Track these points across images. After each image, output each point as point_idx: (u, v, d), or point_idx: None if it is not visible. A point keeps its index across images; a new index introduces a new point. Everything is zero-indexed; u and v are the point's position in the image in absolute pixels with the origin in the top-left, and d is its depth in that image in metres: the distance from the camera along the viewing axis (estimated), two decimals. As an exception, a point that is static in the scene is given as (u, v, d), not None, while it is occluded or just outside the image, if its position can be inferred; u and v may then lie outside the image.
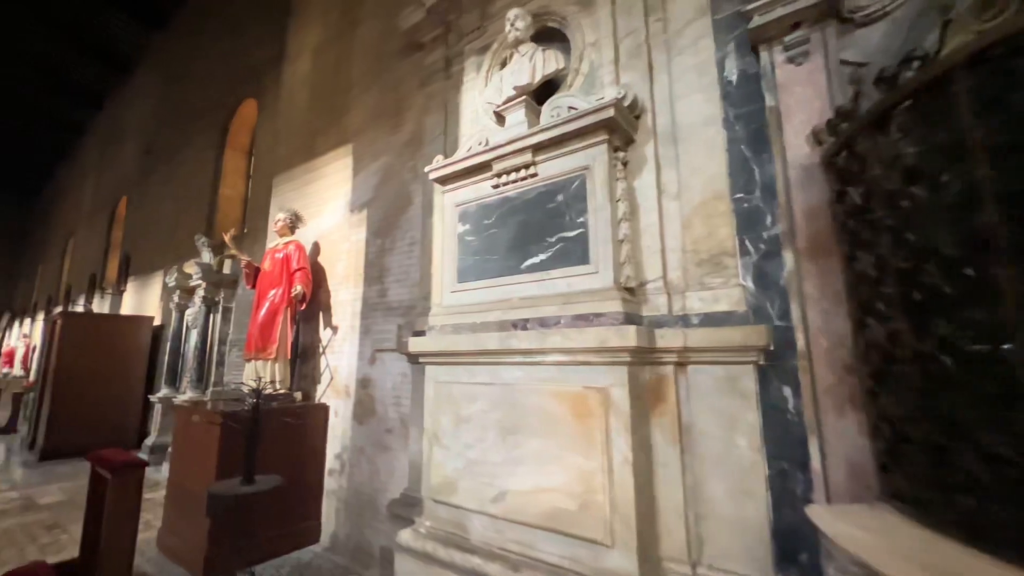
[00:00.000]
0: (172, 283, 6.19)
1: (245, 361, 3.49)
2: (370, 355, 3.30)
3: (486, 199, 2.45)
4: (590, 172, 2.09)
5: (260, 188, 5.96)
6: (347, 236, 3.71)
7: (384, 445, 3.06)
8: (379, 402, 3.16)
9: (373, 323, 3.34)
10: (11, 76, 12.34)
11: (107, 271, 10.56)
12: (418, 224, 3.18)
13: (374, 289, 3.39)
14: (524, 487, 1.96)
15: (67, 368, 6.34)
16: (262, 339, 3.38)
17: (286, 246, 3.64)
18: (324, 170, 4.11)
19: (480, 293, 2.36)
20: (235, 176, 7.19)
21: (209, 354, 5.63)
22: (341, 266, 3.71)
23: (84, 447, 6.47)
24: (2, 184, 19.56)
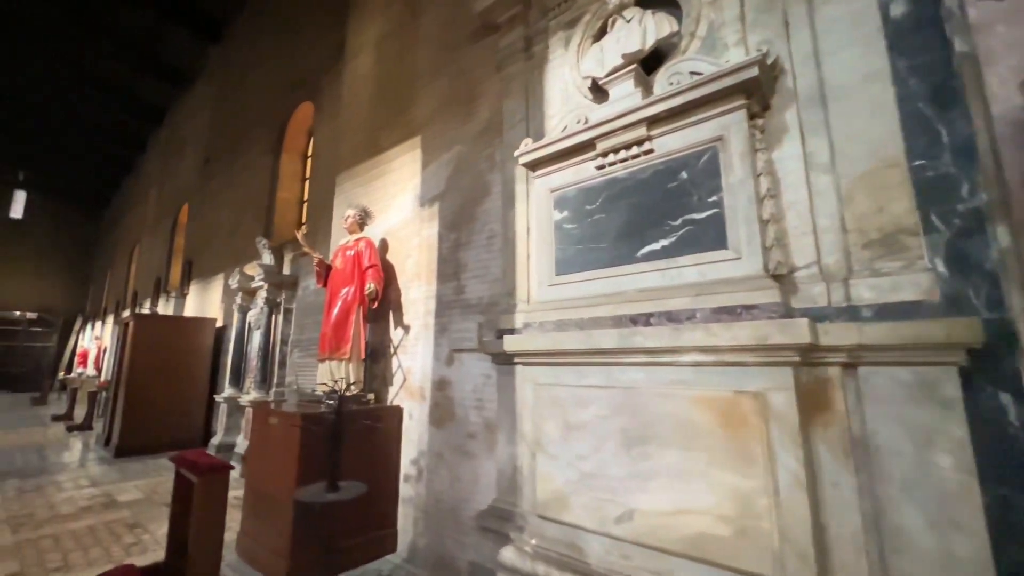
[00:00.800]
0: (235, 284, 6.30)
1: (319, 362, 3.40)
2: (447, 355, 3.13)
3: (588, 182, 2.21)
4: (723, 144, 1.81)
5: (319, 189, 5.98)
6: (417, 231, 3.57)
7: (466, 451, 2.87)
8: (458, 405, 2.98)
9: (449, 322, 3.16)
10: (85, 97, 13.20)
11: (171, 275, 11.04)
12: (497, 216, 2.99)
13: (449, 286, 3.22)
14: (657, 507, 1.70)
15: (139, 368, 6.57)
16: (336, 339, 3.27)
17: (356, 243, 3.53)
18: (390, 165, 3.99)
19: (585, 286, 2.12)
20: (291, 179, 7.28)
21: (271, 354, 5.66)
22: (411, 263, 3.57)
23: (155, 445, 6.72)
24: (75, 197, 21.07)
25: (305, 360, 5.43)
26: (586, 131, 2.16)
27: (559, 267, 2.25)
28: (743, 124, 1.77)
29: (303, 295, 5.74)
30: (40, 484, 4.84)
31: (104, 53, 11.28)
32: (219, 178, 9.13)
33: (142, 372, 6.58)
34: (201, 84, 11.42)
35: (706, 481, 1.60)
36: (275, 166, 7.25)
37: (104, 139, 16.00)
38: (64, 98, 13.53)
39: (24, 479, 5.04)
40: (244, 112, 8.59)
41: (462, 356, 3.03)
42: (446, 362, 3.12)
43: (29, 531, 3.46)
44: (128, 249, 15.46)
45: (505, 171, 2.93)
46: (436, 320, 3.26)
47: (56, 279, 21.11)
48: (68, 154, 17.44)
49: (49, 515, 3.84)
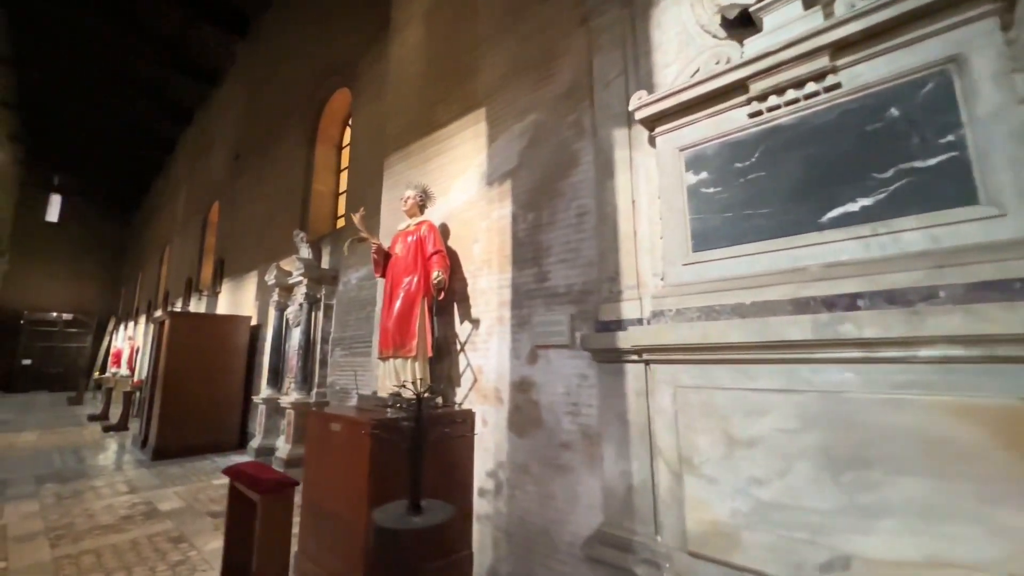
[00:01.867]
0: (271, 281, 6.02)
1: (381, 360, 3.03)
2: (528, 353, 2.72)
3: (736, 135, 1.77)
4: (960, 65, 1.35)
5: (359, 178, 5.66)
6: (485, 213, 3.17)
7: (559, 464, 2.45)
8: (546, 410, 2.56)
9: (530, 314, 2.75)
10: (117, 98, 13.27)
11: (202, 274, 10.94)
12: (589, 190, 2.56)
13: (528, 273, 2.81)
14: (893, 554, 1.25)
15: (175, 367, 6.36)
16: (400, 335, 2.89)
17: (418, 227, 3.15)
18: (448, 142, 3.60)
19: (742, 263, 1.68)
20: (326, 171, 7.00)
21: (312, 353, 5.36)
22: (479, 248, 3.17)
23: (192, 447, 6.50)
24: (106, 201, 21.48)
25: (348, 359, 5.11)
26: (734, 71, 1.73)
27: (698, 241, 1.82)
28: (995, 35, 1.31)
29: (344, 290, 5.42)
30: (78, 489, 4.61)
31: (135, 51, 11.26)
32: (249, 174, 8.94)
33: (178, 372, 6.37)
34: (229, 81, 11.30)
35: (979, 524, 1.15)
36: (309, 158, 6.98)
37: (134, 141, 16.15)
38: (96, 100, 13.63)
39: (62, 483, 4.83)
40: (275, 105, 8.37)
41: (548, 353, 2.61)
42: (528, 360, 2.71)
43: (69, 545, 3.18)
44: (159, 250, 15.55)
45: (599, 137, 2.50)
46: (513, 312, 2.85)
47: (90, 281, 21.54)
48: (100, 158, 17.71)
49: (88, 525, 3.57)
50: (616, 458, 2.15)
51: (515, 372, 2.77)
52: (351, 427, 2.48)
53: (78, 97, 13.64)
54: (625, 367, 2.17)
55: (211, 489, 4.59)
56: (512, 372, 2.79)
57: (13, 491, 4.58)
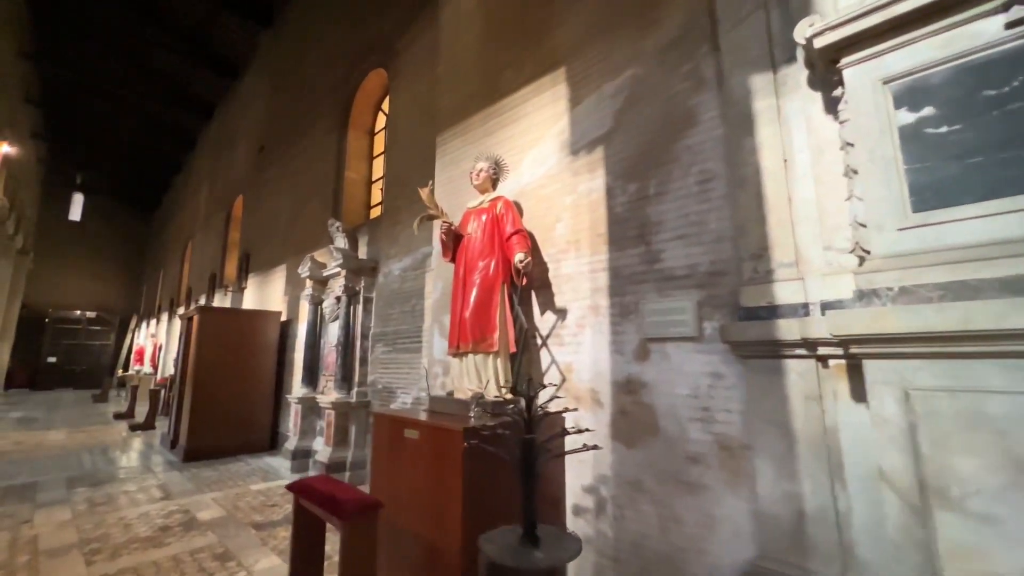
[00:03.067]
0: (305, 272, 5.69)
1: (453, 357, 2.63)
2: (636, 347, 2.30)
3: (981, 53, 1.33)
4: None
5: (398, 163, 5.29)
6: (569, 187, 2.76)
7: (686, 481, 2.03)
8: (664, 415, 2.15)
9: (637, 301, 2.33)
10: (139, 94, 13.12)
11: (226, 270, 10.72)
12: (715, 150, 2.14)
13: (632, 253, 2.39)
14: None
15: (205, 365, 6.07)
16: (479, 326, 2.50)
17: (492, 204, 2.75)
18: (517, 111, 3.20)
19: (1005, 222, 1.25)
20: (358, 159, 6.64)
21: (351, 350, 5.00)
22: (563, 228, 2.76)
23: (224, 448, 6.20)
24: (128, 199, 21.55)
25: (391, 356, 4.74)
26: (979, -32, 1.28)
27: (922, 198, 1.38)
28: None
29: (385, 282, 5.06)
30: (111, 494, 4.33)
31: (157, 44, 11.05)
32: (276, 166, 8.64)
33: (208, 370, 6.08)
34: (252, 73, 11.03)
35: None
36: (341, 144, 6.63)
37: (155, 138, 16.08)
38: (117, 96, 13.51)
39: (94, 487, 4.56)
40: (302, 94, 8.05)
41: (664, 348, 2.19)
42: (635, 356, 2.30)
43: (106, 562, 2.86)
44: (181, 247, 15.44)
45: (729, 87, 2.07)
46: (612, 300, 2.44)
47: (112, 279, 21.67)
48: (121, 156, 17.71)
49: (125, 537, 3.26)
50: (776, 477, 1.73)
51: (618, 370, 2.36)
52: (437, 436, 2.09)
53: (99, 93, 13.54)
54: (785, 364, 1.75)
55: (250, 496, 4.27)
56: (614, 370, 2.37)
57: (44, 495, 4.31)
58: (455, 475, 1.96)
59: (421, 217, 2.71)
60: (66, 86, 13.54)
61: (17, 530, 3.43)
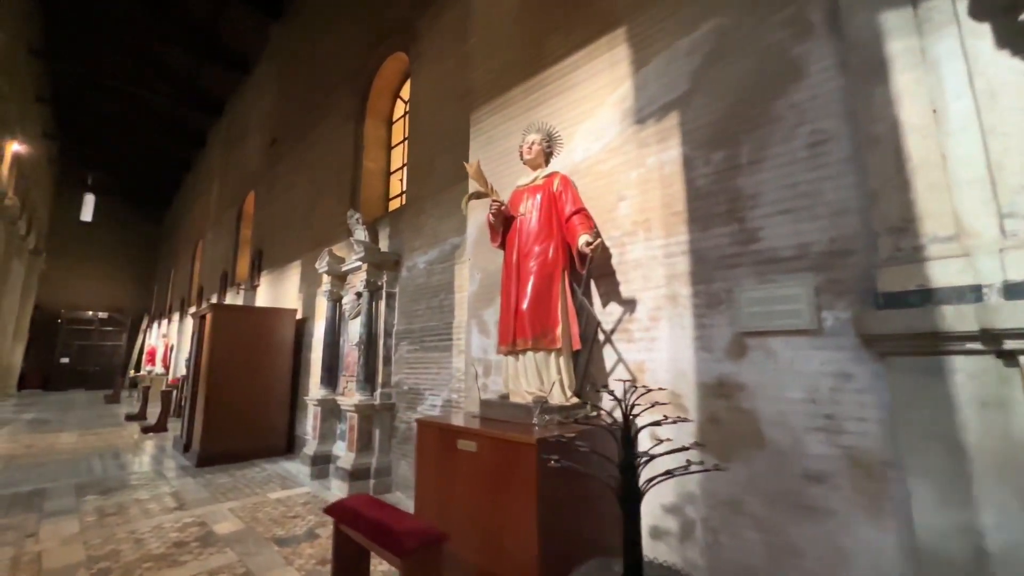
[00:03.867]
0: (323, 267, 5.39)
1: (507, 355, 2.30)
2: (729, 342, 1.95)
3: None
4: None
5: (422, 149, 4.97)
6: (634, 160, 2.41)
7: (805, 505, 1.68)
8: (772, 424, 1.80)
9: (728, 288, 1.98)
10: (149, 90, 12.95)
11: (238, 268, 10.49)
12: (828, 107, 1.79)
13: (719, 233, 2.04)
14: None
15: (218, 365, 5.80)
16: (539, 319, 2.16)
17: (548, 181, 2.41)
18: (566, 80, 2.86)
19: None
20: (375, 148, 6.34)
21: (374, 349, 4.69)
22: (627, 208, 2.42)
23: (240, 452, 5.91)
24: (138, 199, 21.50)
25: (417, 355, 4.43)
26: None
27: None
28: None
29: (409, 276, 4.74)
30: (122, 503, 4.05)
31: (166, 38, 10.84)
32: (289, 159, 8.37)
33: (222, 370, 5.81)
34: (262, 66, 10.78)
35: None
36: (358, 133, 6.33)
37: (165, 137, 15.93)
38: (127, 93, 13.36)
39: (104, 495, 4.29)
40: (315, 84, 7.76)
41: (768, 343, 1.84)
42: (728, 353, 1.95)
43: (115, 585, 2.56)
44: (191, 245, 15.29)
45: (852, 29, 1.72)
46: (696, 288, 2.09)
47: (123, 279, 21.64)
48: (131, 155, 17.61)
49: (137, 555, 2.97)
50: (940, 504, 1.38)
51: (705, 370, 2.01)
52: (502, 449, 1.76)
53: (109, 91, 13.40)
54: (948, 362, 1.40)
55: (269, 506, 3.97)
56: (700, 370, 2.02)
57: (52, 504, 4.04)
58: (527, 496, 1.63)
59: (469, 196, 2.37)
60: (76, 84, 13.42)
61: (21, 545, 3.15)
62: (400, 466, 4.36)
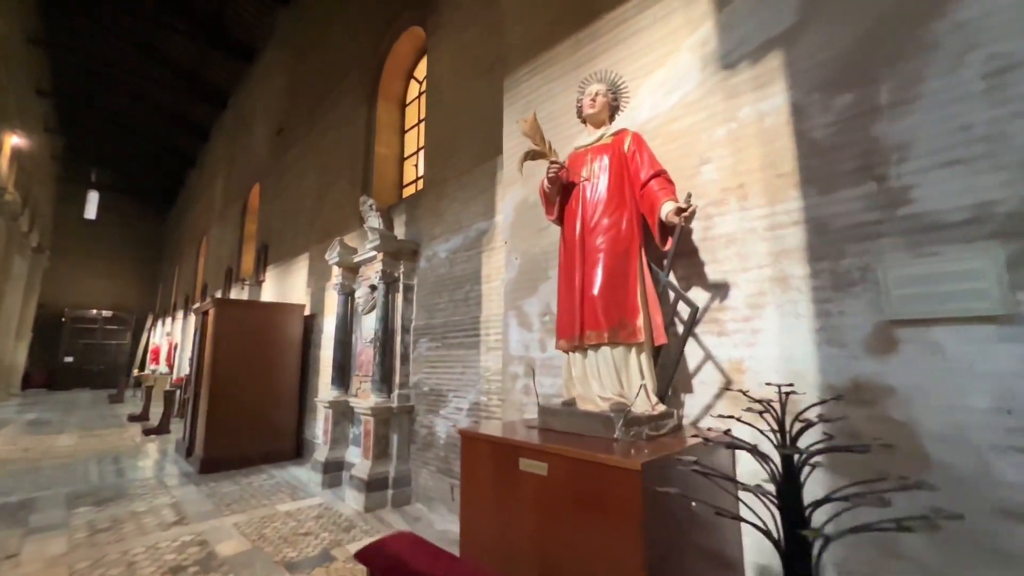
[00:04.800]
0: (334, 259, 4.99)
1: (570, 352, 1.88)
2: (868, 333, 1.52)
3: None
4: None
5: (440, 129, 4.55)
6: (722, 115, 1.98)
7: (1003, 551, 1.25)
8: (941, 442, 1.37)
9: (865, 265, 1.55)
10: (157, 81, 12.62)
11: (243, 263, 10.13)
12: (1010, 26, 1.34)
13: (848, 196, 1.61)
14: None
15: (222, 364, 5.41)
16: (615, 307, 1.73)
17: (617, 140, 1.98)
18: (623, 30, 2.42)
19: None
20: (388, 132, 5.93)
21: (391, 346, 4.29)
22: (712, 172, 1.99)
23: (245, 457, 5.48)
24: (142, 196, 21.24)
25: (439, 353, 4.01)
26: None
27: None
28: None
29: (428, 267, 4.33)
30: (116, 516, 3.67)
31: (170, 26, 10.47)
32: (296, 148, 7.97)
33: (226, 369, 5.42)
34: (268, 53, 10.39)
35: None
36: (371, 116, 5.92)
37: (169, 132, 15.64)
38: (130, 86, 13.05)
39: (98, 506, 3.91)
40: (325, 69, 7.36)
41: (932, 333, 1.41)
42: (869, 348, 1.52)
43: (99, 624, 2.16)
44: (196, 242, 14.96)
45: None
46: (815, 267, 1.66)
47: (128, 277, 21.40)
48: (135, 151, 17.34)
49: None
50: None
51: (834, 369, 1.58)
52: (589, 474, 1.33)
53: (112, 83, 13.10)
54: None
55: (278, 520, 3.57)
56: (826, 369, 1.59)
57: (40, 517, 3.67)
58: (627, 537, 1.20)
59: (525, 154, 1.94)
60: (77, 76, 13.10)
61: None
62: (421, 475, 3.95)
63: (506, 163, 3.03)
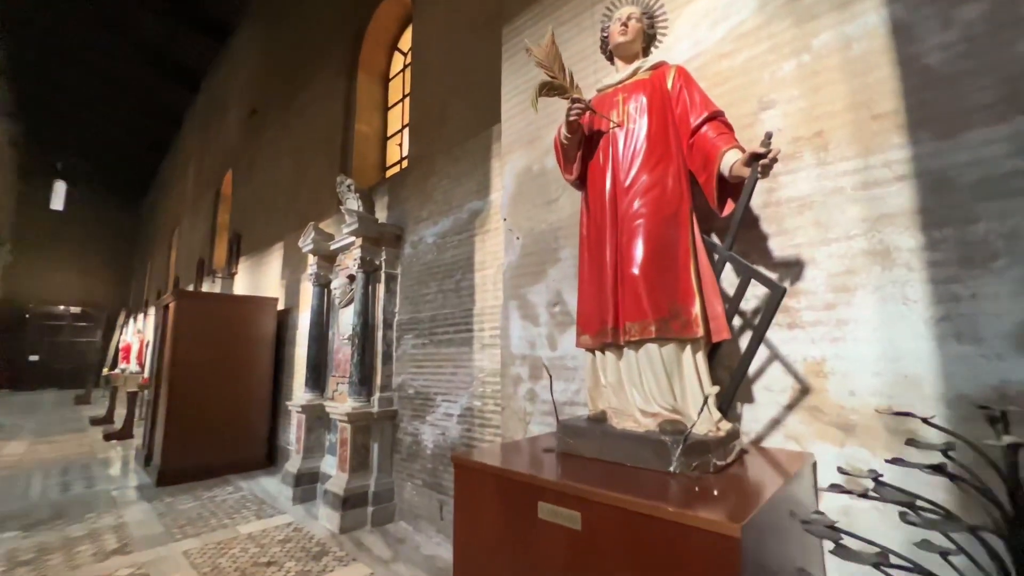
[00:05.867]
0: (308, 245, 4.48)
1: (591, 350, 1.43)
2: (1018, 323, 1.10)
3: None
4: None
5: (428, 99, 4.06)
6: (789, 46, 1.55)
7: None
8: None
9: (1008, 231, 1.13)
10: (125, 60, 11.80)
11: (215, 255, 9.49)
12: None
13: (981, 138, 1.19)
14: None
15: (183, 363, 4.86)
16: (663, 291, 1.27)
17: (657, 76, 1.52)
18: (656, -48, 1.96)
19: None
20: (369, 109, 5.41)
21: (372, 343, 3.80)
22: (777, 118, 1.55)
23: (208, 467, 4.90)
24: (113, 187, 20.18)
25: (426, 351, 3.54)
26: None
27: None
28: None
29: (413, 253, 3.85)
30: (45, 544, 3.13)
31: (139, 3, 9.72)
32: (271, 130, 7.38)
33: (188, 369, 4.87)
34: (243, 32, 9.72)
35: None
36: (350, 89, 5.39)
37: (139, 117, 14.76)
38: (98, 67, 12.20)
39: (27, 530, 3.37)
40: (302, 43, 6.77)
41: (1126, 324, 0.99)
42: (1021, 344, 1.10)
43: None
44: (168, 234, 14.18)
45: None
46: (931, 234, 1.23)
47: (98, 272, 20.35)
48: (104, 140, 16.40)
49: (37, 637, 2.07)
50: None
51: (967, 374, 1.15)
52: (648, 532, 0.89)
53: (76, 63, 12.22)
54: None
55: (237, 545, 3.08)
56: (954, 373, 1.17)
57: (-47, 545, 3.12)
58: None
59: (540, 86, 1.47)
60: (39, 56, 12.19)
61: None
62: (405, 489, 3.49)
63: (505, 130, 2.56)
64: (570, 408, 1.98)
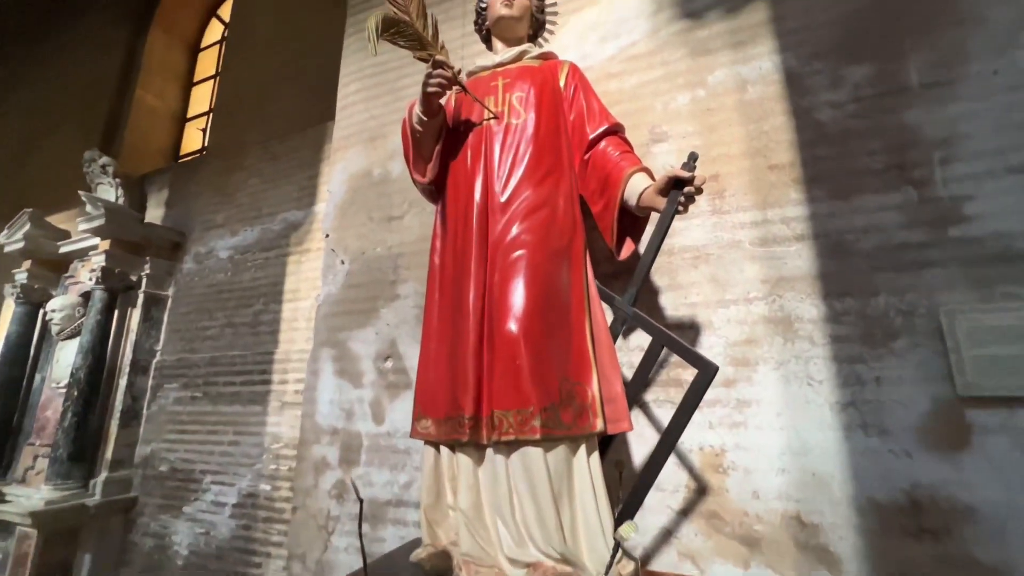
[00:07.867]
0: (18, 243, 2.97)
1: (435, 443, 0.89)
2: (925, 415, 0.96)
3: None
4: None
5: (247, 78, 3.17)
6: (685, 76, 1.36)
7: None
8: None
9: (909, 307, 1.02)
10: None
11: None
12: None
13: (875, 204, 1.09)
14: None
15: None
16: (550, 361, 0.82)
17: (548, 68, 1.14)
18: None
19: None
20: (165, 79, 4.13)
21: (110, 393, 2.55)
22: (668, 154, 1.33)
23: None
24: None
25: (197, 409, 2.51)
26: None
27: None
28: None
29: (198, 270, 2.80)
30: None
31: None
32: None
33: None
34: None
35: None
36: (135, 48, 4.04)
37: None
38: None
39: None
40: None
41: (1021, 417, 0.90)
42: (930, 439, 0.95)
43: None
44: None
45: None
46: (832, 304, 1.07)
47: None
48: None
49: None
50: None
51: (882, 472, 0.99)
52: None
53: None
54: None
55: None
56: (867, 473, 1.00)
57: None
58: None
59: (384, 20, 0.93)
60: None
61: None
62: (133, 625, 2.28)
63: (340, 120, 1.95)
64: (395, 510, 1.38)
